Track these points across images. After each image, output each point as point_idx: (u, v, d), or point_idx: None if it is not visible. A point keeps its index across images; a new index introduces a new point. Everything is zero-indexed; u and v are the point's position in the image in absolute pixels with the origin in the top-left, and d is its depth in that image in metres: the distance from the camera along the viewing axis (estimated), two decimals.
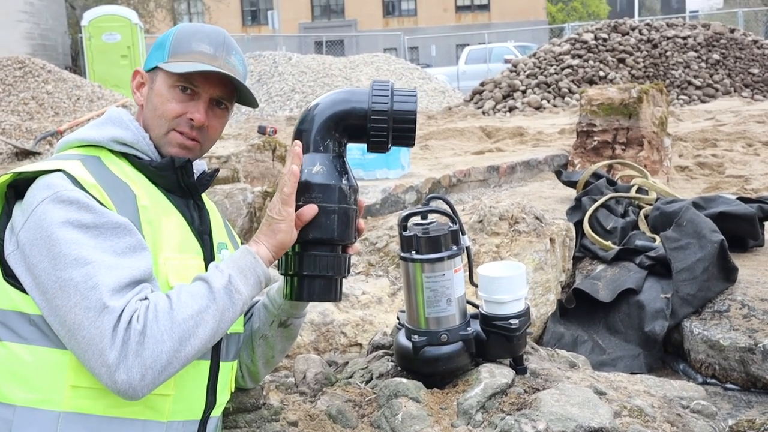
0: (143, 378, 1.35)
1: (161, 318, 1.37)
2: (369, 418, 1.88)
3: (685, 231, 3.60)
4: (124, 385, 1.35)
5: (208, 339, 1.43)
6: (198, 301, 1.42)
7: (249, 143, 5.55)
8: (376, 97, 1.65)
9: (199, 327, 1.40)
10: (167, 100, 1.59)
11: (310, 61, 17.05)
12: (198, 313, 1.41)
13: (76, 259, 1.36)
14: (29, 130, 9.20)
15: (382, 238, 3.77)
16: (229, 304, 1.46)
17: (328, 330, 3.03)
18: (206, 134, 1.64)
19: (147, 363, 1.35)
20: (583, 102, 6.26)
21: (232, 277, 1.47)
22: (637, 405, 1.92)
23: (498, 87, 12.86)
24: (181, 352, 1.39)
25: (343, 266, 1.65)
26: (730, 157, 6.82)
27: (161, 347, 1.36)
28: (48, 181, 1.44)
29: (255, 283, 1.52)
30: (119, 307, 1.35)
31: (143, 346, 1.35)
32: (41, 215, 1.40)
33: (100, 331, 1.34)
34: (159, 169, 1.58)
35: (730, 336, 3.16)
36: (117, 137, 1.57)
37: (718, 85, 12.18)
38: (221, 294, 1.44)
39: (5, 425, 1.41)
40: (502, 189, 6.05)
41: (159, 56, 1.61)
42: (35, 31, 20.75)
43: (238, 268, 1.50)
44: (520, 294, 1.96)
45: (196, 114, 1.60)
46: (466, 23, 38.05)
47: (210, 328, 1.42)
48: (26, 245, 1.40)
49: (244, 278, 1.49)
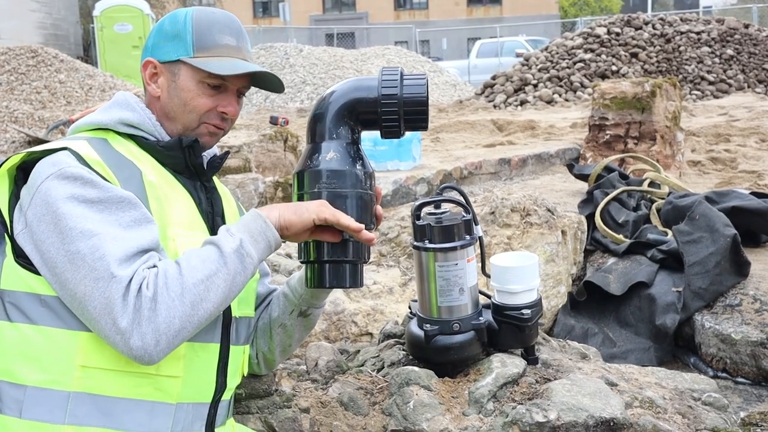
0: (158, 343, 1.36)
1: (171, 284, 1.37)
2: (380, 405, 1.89)
3: (698, 225, 3.59)
4: (139, 351, 1.35)
5: (220, 303, 1.43)
6: (208, 266, 1.41)
7: (261, 133, 5.56)
8: (386, 84, 1.65)
9: (211, 291, 1.40)
10: (197, 95, 1.59)
11: (321, 53, 17.03)
12: (208, 277, 1.40)
13: (82, 232, 1.37)
14: (41, 119, 9.24)
15: (393, 228, 3.77)
16: (241, 268, 1.45)
17: (339, 319, 3.04)
18: (230, 120, 1.66)
19: (160, 329, 1.35)
20: (596, 95, 6.24)
21: (243, 241, 1.46)
22: (648, 396, 1.92)
23: (509, 81, 12.82)
24: (194, 317, 1.39)
25: (363, 251, 1.65)
26: (743, 153, 6.78)
27: (173, 312, 1.36)
28: (53, 159, 1.45)
29: (265, 247, 1.50)
30: (127, 275, 1.36)
31: (155, 312, 1.35)
32: (46, 192, 1.41)
33: (110, 300, 1.34)
34: (166, 148, 1.59)
35: (741, 330, 3.15)
36: (123, 119, 1.58)
37: (732, 81, 12.10)
38: (232, 258, 1.43)
39: (16, 405, 1.43)
40: (514, 182, 6.04)
41: (180, 49, 1.59)
42: (47, 20, 20.82)
43: (249, 232, 1.48)
44: (532, 284, 1.96)
45: (229, 107, 1.62)
46: (477, 17, 37.95)
47: (221, 292, 1.42)
48: (33, 222, 1.41)
49: (255, 242, 1.48)
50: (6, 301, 1.48)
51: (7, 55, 10.37)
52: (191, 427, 1.54)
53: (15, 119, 9.18)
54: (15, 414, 1.43)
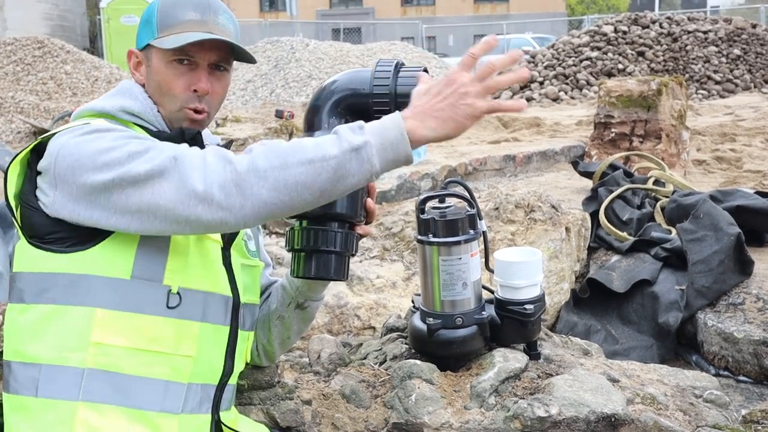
0: (243, 207, 1.32)
1: (270, 156, 1.32)
2: (382, 398, 1.90)
3: (702, 223, 3.58)
4: (223, 207, 1.32)
5: (318, 195, 1.34)
6: (319, 150, 1.32)
7: (266, 127, 5.56)
8: (378, 80, 1.62)
9: (309, 175, 1.31)
10: (169, 77, 1.58)
11: (328, 47, 17.01)
12: (311, 161, 1.31)
13: (121, 138, 1.41)
14: (47, 109, 9.25)
15: (397, 223, 3.77)
16: (357, 168, 1.33)
17: (342, 312, 3.04)
18: (211, 100, 1.63)
19: (246, 193, 1.31)
20: (602, 93, 6.23)
21: (369, 144, 1.33)
22: (650, 393, 1.92)
23: None
24: (286, 196, 1.32)
25: (350, 243, 1.63)
26: (748, 152, 6.77)
27: (268, 182, 1.31)
28: (66, 127, 1.49)
29: (393, 160, 1.36)
30: (197, 152, 1.37)
31: (244, 178, 1.31)
32: (67, 148, 1.42)
33: (184, 174, 1.33)
34: (169, 139, 1.59)
35: (744, 329, 3.15)
36: (125, 107, 1.58)
37: (738, 81, 12.06)
38: (349, 156, 1.32)
39: (32, 384, 1.43)
40: (518, 178, 6.03)
41: (148, 33, 1.60)
42: (54, 12, 20.83)
43: (381, 139, 1.34)
44: (535, 280, 1.97)
45: (200, 84, 1.59)
46: (484, 14, 37.86)
47: (322, 182, 1.32)
48: (66, 174, 1.41)
49: (383, 150, 1.35)
50: (20, 283, 1.49)
51: (13, 45, 10.38)
52: (199, 407, 1.55)
53: (21, 110, 9.20)
54: (31, 393, 1.44)
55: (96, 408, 1.42)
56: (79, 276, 1.44)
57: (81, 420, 1.41)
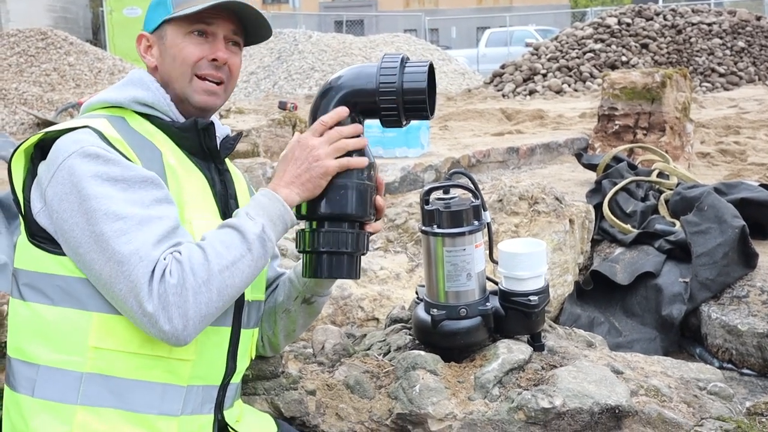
0: (185, 328, 1.37)
1: (198, 270, 1.38)
2: (386, 389, 1.90)
3: (706, 215, 3.58)
4: (167, 334, 1.37)
5: (243, 287, 1.46)
6: (233, 252, 1.43)
7: (269, 118, 5.56)
8: (384, 75, 1.62)
9: (236, 277, 1.43)
10: (187, 47, 1.59)
11: (330, 39, 16.99)
12: (233, 263, 1.42)
13: (107, 213, 1.37)
14: (50, 101, 9.26)
15: (401, 215, 3.77)
16: (263, 253, 1.48)
17: (346, 304, 3.04)
18: (229, 73, 1.64)
19: (188, 314, 1.37)
20: (606, 85, 6.21)
21: (264, 227, 1.48)
22: (653, 385, 1.92)
23: (519, 70, 12.78)
24: (220, 302, 1.41)
25: (362, 243, 1.63)
26: (752, 145, 6.75)
27: (200, 298, 1.38)
28: (74, 137, 1.44)
29: (283, 230, 1.54)
30: (152, 260, 1.36)
31: (182, 298, 1.36)
32: (69, 170, 1.40)
33: (136, 283, 1.35)
34: (181, 130, 1.58)
35: (748, 321, 3.15)
36: (138, 98, 1.57)
37: (743, 73, 12.04)
38: (256, 244, 1.46)
39: (29, 384, 1.44)
40: (522, 170, 6.03)
41: (162, 11, 1.60)
42: (57, 3, 20.81)
43: (269, 216, 1.50)
44: (540, 271, 1.96)
45: (219, 53, 1.60)
46: (487, 6, 37.74)
47: (246, 277, 1.45)
48: (55, 201, 1.41)
49: (274, 226, 1.51)
50: (20, 280, 1.49)
51: (16, 37, 10.38)
52: (201, 409, 1.54)
53: (24, 101, 9.20)
54: (28, 392, 1.44)
55: (95, 411, 1.42)
56: (75, 279, 1.43)
57: (79, 423, 1.41)
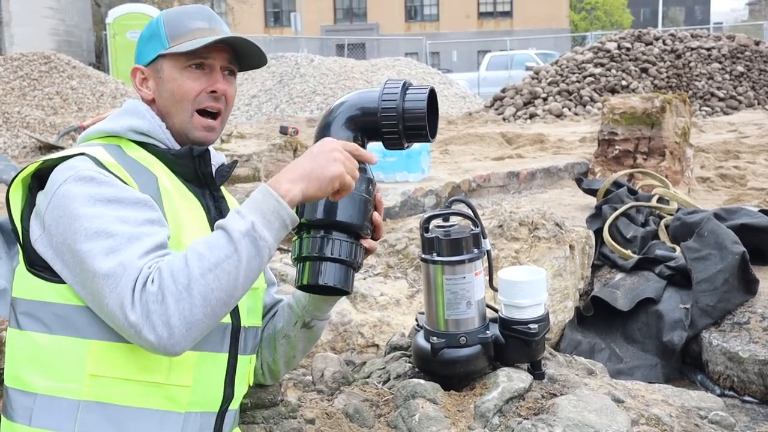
0: (171, 336, 1.33)
1: (178, 276, 1.33)
2: (386, 418, 1.89)
3: (707, 241, 3.58)
4: (154, 344, 1.33)
5: (233, 290, 1.37)
6: (216, 253, 1.35)
7: (270, 143, 5.58)
8: (386, 97, 1.68)
9: (221, 280, 1.34)
10: (185, 82, 1.60)
11: (332, 63, 17.09)
12: (216, 265, 1.34)
13: (97, 231, 1.37)
14: (53, 124, 9.29)
15: (401, 240, 3.77)
16: (254, 252, 1.37)
17: (346, 330, 3.04)
18: (225, 103, 1.66)
19: (171, 322, 1.32)
20: (606, 110, 6.24)
21: (255, 224, 1.38)
22: (654, 414, 1.91)
23: (519, 94, 12.84)
24: (207, 308, 1.34)
25: (357, 254, 1.64)
26: (752, 170, 6.76)
27: (182, 305, 1.32)
28: (70, 163, 1.46)
29: (280, 226, 1.41)
30: (136, 270, 1.34)
31: (163, 306, 1.32)
32: (64, 194, 1.41)
33: (121, 296, 1.33)
34: (177, 157, 1.60)
35: (749, 348, 3.14)
36: (134, 126, 1.59)
37: (742, 98, 12.08)
38: (243, 243, 1.36)
39: (26, 413, 1.43)
40: (522, 195, 6.04)
41: (157, 45, 1.62)
42: (60, 27, 20.96)
43: (261, 213, 1.40)
44: (540, 299, 1.96)
45: (218, 84, 1.62)
46: (488, 29, 38.01)
47: (234, 279, 1.35)
48: (51, 226, 1.41)
49: (268, 223, 1.39)
50: (18, 309, 1.49)
51: (20, 60, 10.44)
52: None
53: (27, 125, 9.24)
54: (25, 422, 1.43)
55: None
56: (73, 307, 1.43)
57: None
